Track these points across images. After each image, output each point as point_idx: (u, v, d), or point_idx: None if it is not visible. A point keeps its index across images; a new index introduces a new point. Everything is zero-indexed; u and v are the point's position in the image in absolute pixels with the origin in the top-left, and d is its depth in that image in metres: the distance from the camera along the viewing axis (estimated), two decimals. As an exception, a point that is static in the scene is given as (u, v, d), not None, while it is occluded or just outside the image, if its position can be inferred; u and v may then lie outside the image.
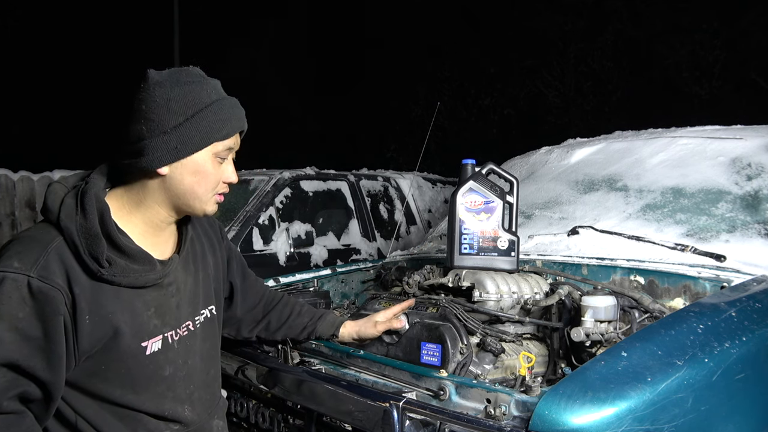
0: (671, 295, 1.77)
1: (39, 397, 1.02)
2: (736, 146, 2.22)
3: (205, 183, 1.14)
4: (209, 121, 1.10)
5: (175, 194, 1.13)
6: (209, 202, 1.17)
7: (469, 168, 2.00)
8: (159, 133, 1.07)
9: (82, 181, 1.11)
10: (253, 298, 1.59)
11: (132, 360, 1.10)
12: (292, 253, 4.05)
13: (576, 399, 1.04)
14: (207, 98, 1.11)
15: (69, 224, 1.04)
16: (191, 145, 1.09)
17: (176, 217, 1.19)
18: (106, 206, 1.08)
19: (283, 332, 1.64)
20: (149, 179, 1.11)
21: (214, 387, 1.33)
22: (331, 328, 1.68)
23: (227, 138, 1.14)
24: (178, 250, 1.22)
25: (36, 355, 0.99)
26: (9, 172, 6.15)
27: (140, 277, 1.10)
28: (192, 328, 1.23)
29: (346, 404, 1.32)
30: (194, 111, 1.09)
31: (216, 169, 1.15)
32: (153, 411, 1.15)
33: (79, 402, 1.09)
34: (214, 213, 1.21)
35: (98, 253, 1.03)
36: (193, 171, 1.12)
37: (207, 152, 1.12)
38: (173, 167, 1.10)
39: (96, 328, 1.04)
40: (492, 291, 1.78)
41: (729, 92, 9.30)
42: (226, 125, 1.13)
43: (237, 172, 1.22)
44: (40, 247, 1.02)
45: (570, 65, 11.07)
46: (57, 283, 1.00)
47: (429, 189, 5.49)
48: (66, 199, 1.07)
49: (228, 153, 1.17)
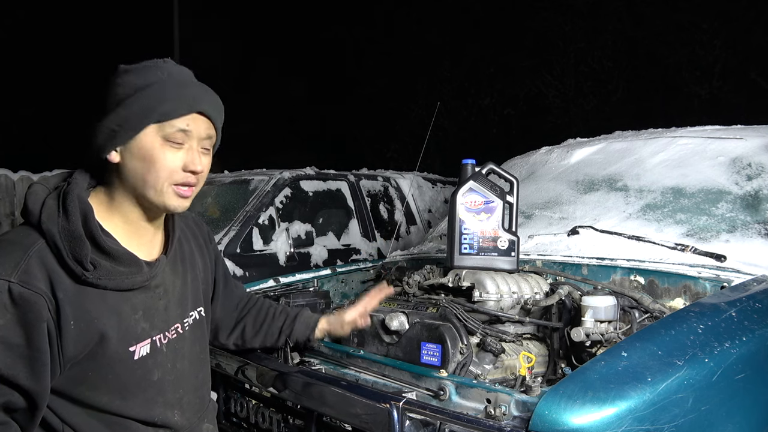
0: (671, 295, 1.77)
1: (23, 406, 0.99)
2: (736, 146, 2.22)
3: (155, 170, 1.05)
4: (149, 100, 1.03)
5: (131, 185, 1.07)
6: (166, 194, 1.07)
7: (469, 168, 2.00)
8: (102, 117, 1.04)
9: (64, 181, 1.07)
10: (232, 302, 1.54)
11: (120, 365, 1.07)
12: (292, 253, 4.05)
13: (576, 399, 1.04)
14: (153, 77, 1.05)
15: (51, 226, 1.00)
16: (128, 125, 1.03)
17: (149, 214, 1.12)
18: (89, 207, 1.04)
19: (261, 339, 1.58)
20: (110, 172, 1.08)
21: (203, 390, 1.29)
22: (306, 329, 1.61)
23: (170, 118, 1.05)
24: (165, 251, 1.18)
25: (19, 363, 0.95)
26: (9, 172, 6.15)
27: (126, 280, 1.06)
28: (181, 331, 1.20)
29: (346, 404, 1.32)
30: (135, 90, 1.03)
31: (166, 155, 1.06)
32: (142, 417, 1.11)
33: (65, 410, 1.05)
34: (179, 208, 1.11)
35: (82, 256, 0.99)
36: (140, 156, 1.04)
37: (152, 135, 1.04)
38: (123, 155, 1.05)
39: (81, 334, 1.01)
40: (492, 291, 1.78)
41: (729, 92, 9.29)
42: (168, 104, 1.04)
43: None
44: (20, 251, 0.98)
45: (570, 65, 11.06)
46: (39, 288, 0.96)
47: (429, 189, 5.48)
48: (47, 200, 1.03)
49: (183, 137, 1.07)
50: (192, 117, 1.08)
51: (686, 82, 9.60)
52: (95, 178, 1.11)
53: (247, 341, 1.58)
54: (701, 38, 9.29)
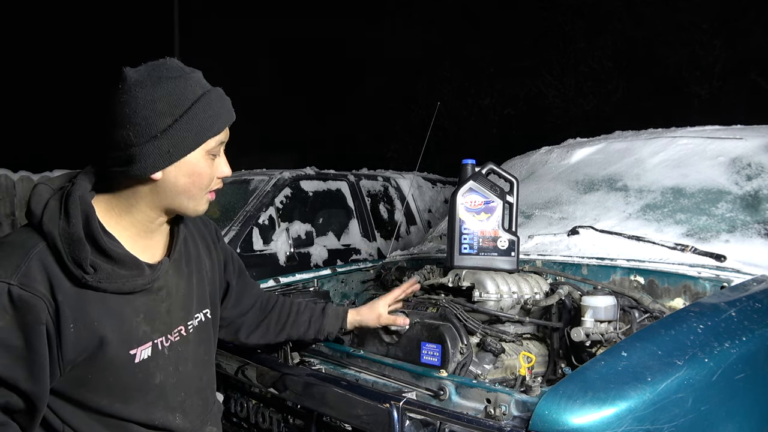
0: (671, 295, 1.77)
1: (22, 407, 0.99)
2: (736, 146, 2.22)
3: (200, 182, 1.09)
4: (200, 119, 1.04)
5: (169, 197, 1.08)
6: (202, 201, 1.13)
7: (469, 168, 2.00)
8: (148, 138, 1.01)
9: (68, 182, 1.07)
10: (248, 300, 1.53)
11: (120, 368, 1.06)
12: (292, 253, 4.05)
13: (576, 399, 1.04)
14: (192, 94, 1.05)
15: (52, 229, 0.99)
16: (184, 146, 1.04)
17: (167, 218, 1.14)
18: (92, 209, 1.03)
19: (286, 333, 1.58)
20: (141, 184, 1.07)
21: (207, 393, 1.28)
22: (337, 320, 1.62)
23: (219, 133, 1.09)
24: (169, 253, 1.17)
25: (17, 365, 0.95)
26: (9, 172, 6.15)
27: (127, 283, 1.05)
28: (184, 334, 1.19)
29: (346, 404, 1.31)
30: (182, 110, 1.03)
31: (210, 167, 1.10)
32: (143, 420, 1.11)
33: (66, 412, 1.05)
34: (205, 211, 1.16)
35: (81, 259, 0.99)
36: (188, 172, 1.07)
37: (200, 151, 1.07)
38: (166, 170, 1.05)
39: (81, 337, 1.00)
40: (492, 291, 1.78)
41: (729, 92, 9.29)
42: (217, 120, 1.08)
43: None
44: (21, 253, 0.97)
45: (570, 65, 11.07)
46: (39, 291, 0.96)
47: (429, 189, 5.49)
48: (50, 201, 1.03)
49: (220, 148, 1.12)
50: (226, 128, 1.12)
51: (686, 82, 9.60)
52: (101, 179, 1.09)
53: (271, 336, 1.57)
54: (701, 38, 9.29)
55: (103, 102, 1.06)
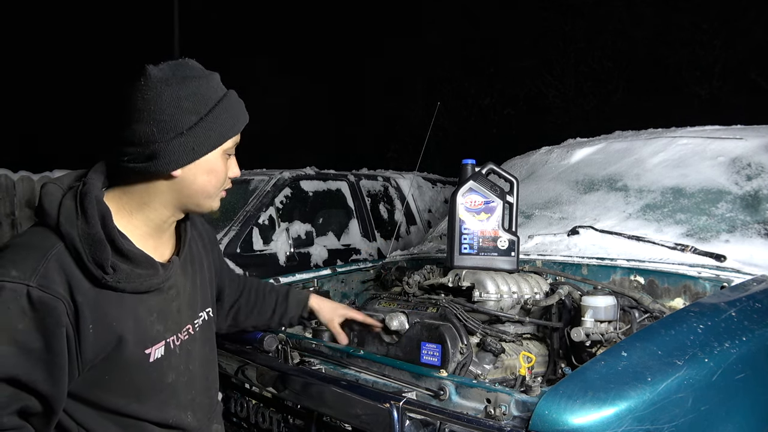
0: (671, 295, 1.77)
1: (40, 410, 0.98)
2: (736, 146, 2.22)
3: (216, 181, 1.12)
4: (222, 119, 1.08)
5: (185, 194, 1.10)
6: (216, 199, 1.16)
7: (469, 168, 2.00)
8: (174, 134, 1.02)
9: (78, 181, 1.06)
10: (233, 297, 1.57)
11: (136, 368, 1.07)
12: (292, 253, 4.05)
13: (576, 399, 1.04)
14: (215, 94, 1.08)
15: (70, 230, 0.99)
16: (208, 144, 1.07)
17: (179, 216, 1.16)
18: (108, 209, 1.02)
19: (254, 319, 1.61)
20: (158, 181, 1.07)
21: (212, 391, 1.30)
22: (298, 307, 1.67)
23: (237, 133, 1.13)
24: (177, 252, 1.19)
25: (37, 368, 0.94)
26: (9, 172, 6.14)
27: (144, 282, 1.06)
28: (192, 332, 1.20)
29: (346, 404, 1.32)
30: (207, 109, 1.06)
31: (224, 166, 1.13)
32: (157, 419, 1.12)
33: (81, 413, 1.05)
34: (216, 209, 1.19)
35: (103, 260, 0.98)
36: (207, 170, 1.09)
37: (219, 150, 1.10)
38: (186, 168, 1.07)
39: (100, 337, 1.00)
40: (492, 291, 1.78)
41: (729, 92, 9.29)
42: (237, 121, 1.11)
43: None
44: (39, 255, 0.96)
45: (570, 65, 11.07)
46: (58, 293, 0.95)
47: (429, 189, 5.49)
48: (64, 201, 1.02)
49: (234, 147, 1.15)
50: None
51: (686, 82, 9.60)
52: (112, 176, 1.10)
53: (240, 323, 1.60)
54: (701, 38, 9.29)
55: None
